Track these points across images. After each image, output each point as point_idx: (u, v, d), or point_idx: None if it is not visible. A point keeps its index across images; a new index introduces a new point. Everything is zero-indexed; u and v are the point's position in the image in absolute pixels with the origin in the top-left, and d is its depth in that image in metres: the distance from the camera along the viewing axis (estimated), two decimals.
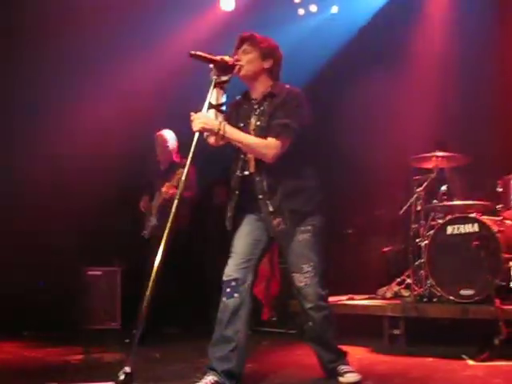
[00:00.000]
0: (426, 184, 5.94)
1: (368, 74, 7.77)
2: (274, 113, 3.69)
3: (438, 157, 5.96)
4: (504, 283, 5.19)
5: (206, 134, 3.73)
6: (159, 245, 3.48)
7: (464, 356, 4.60)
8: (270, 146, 3.63)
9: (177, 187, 5.63)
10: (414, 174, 6.21)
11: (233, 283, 3.68)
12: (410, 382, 3.99)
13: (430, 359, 4.68)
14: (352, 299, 6.20)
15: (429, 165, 6.08)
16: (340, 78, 7.91)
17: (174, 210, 3.54)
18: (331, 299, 6.11)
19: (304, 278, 3.73)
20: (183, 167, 5.65)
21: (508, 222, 5.67)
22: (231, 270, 3.72)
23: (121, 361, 4.34)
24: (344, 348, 4.02)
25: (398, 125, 7.34)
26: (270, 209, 3.67)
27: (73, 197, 6.97)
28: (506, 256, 5.19)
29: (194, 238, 6.56)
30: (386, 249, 7.32)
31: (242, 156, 3.79)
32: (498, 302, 4.76)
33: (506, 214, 5.66)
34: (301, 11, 8.38)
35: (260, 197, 3.70)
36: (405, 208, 6.12)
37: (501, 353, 4.50)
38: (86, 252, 6.93)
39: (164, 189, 5.83)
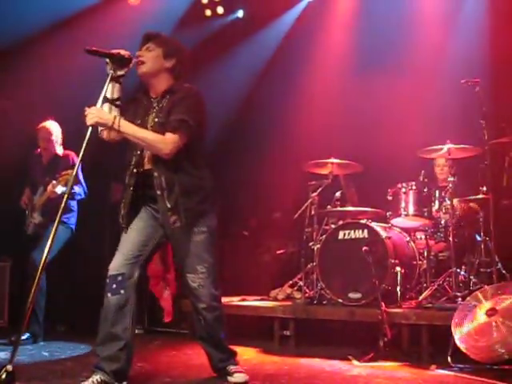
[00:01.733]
0: (320, 189, 6.10)
1: (270, 80, 7.91)
2: (171, 109, 3.67)
3: (333, 163, 6.13)
4: (390, 287, 5.40)
5: (100, 128, 3.66)
6: (43, 241, 3.40)
7: (350, 357, 4.76)
8: (166, 140, 3.60)
9: (65, 185, 5.51)
10: (310, 179, 6.36)
11: (119, 278, 3.60)
12: (297, 382, 4.07)
13: (318, 360, 4.81)
14: (244, 300, 6.26)
15: (324, 171, 6.25)
16: (243, 83, 7.99)
17: (62, 207, 3.43)
18: (224, 300, 6.16)
19: (198, 278, 3.73)
20: (71, 167, 5.57)
21: (396, 229, 5.91)
22: (118, 265, 3.64)
23: (6, 359, 4.19)
24: (235, 348, 4.05)
25: (296, 130, 7.49)
26: (168, 205, 3.64)
27: None
28: (393, 261, 5.41)
29: (90, 235, 6.42)
30: (279, 251, 7.45)
31: (138, 152, 3.74)
32: (383, 305, 4.95)
33: (395, 221, 5.90)
34: (208, 12, 8.41)
35: (158, 192, 3.66)
36: (299, 212, 6.24)
37: (385, 354, 4.69)
38: None
39: (50, 187, 5.62)
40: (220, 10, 8.42)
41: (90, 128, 3.50)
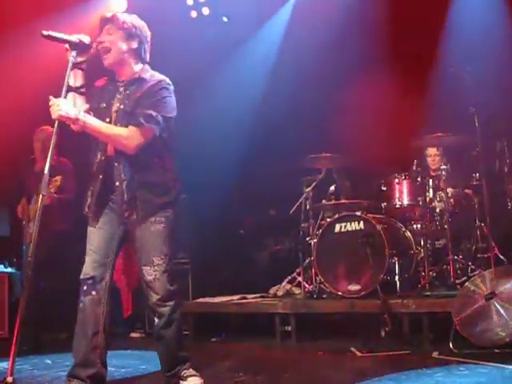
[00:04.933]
0: (314, 184, 6.11)
1: (259, 79, 7.91)
2: (139, 100, 3.54)
3: (326, 157, 6.14)
4: (388, 278, 5.42)
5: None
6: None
7: (352, 348, 4.77)
8: (131, 136, 3.47)
9: (55, 193, 5.42)
10: (304, 174, 6.37)
11: (90, 281, 3.52)
12: (301, 376, 4.08)
13: (320, 353, 4.81)
14: (244, 298, 6.26)
15: (317, 165, 6.26)
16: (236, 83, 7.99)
17: (38, 214, 3.28)
18: (224, 299, 6.20)
19: (153, 271, 3.55)
20: (65, 173, 5.50)
21: (392, 219, 5.93)
22: (89, 268, 3.55)
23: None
24: (233, 347, 4.01)
25: (287, 126, 7.50)
26: (125, 198, 3.52)
27: None
28: (390, 252, 5.43)
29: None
30: (277, 248, 7.46)
31: None
32: (382, 295, 4.97)
33: (390, 211, 5.91)
34: (193, 13, 8.40)
35: (117, 184, 3.54)
36: (295, 207, 6.25)
37: (386, 343, 4.71)
38: None
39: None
40: (206, 11, 8.40)
41: (57, 122, 3.37)
